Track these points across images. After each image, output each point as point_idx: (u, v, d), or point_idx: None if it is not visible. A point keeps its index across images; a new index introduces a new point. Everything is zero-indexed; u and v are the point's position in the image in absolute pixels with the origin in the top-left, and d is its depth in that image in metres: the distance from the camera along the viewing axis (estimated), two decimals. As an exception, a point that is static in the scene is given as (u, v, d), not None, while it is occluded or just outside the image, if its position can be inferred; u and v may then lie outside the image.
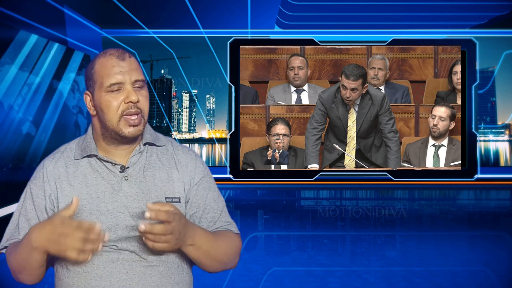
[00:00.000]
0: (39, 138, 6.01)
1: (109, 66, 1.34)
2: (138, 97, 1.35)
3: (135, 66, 1.37)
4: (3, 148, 5.29)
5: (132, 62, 1.37)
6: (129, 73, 1.35)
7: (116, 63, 1.34)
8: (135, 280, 1.34)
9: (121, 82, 1.34)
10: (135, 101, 1.34)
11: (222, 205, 1.49)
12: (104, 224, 1.34)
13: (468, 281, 3.83)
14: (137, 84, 1.36)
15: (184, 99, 19.78)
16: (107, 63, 1.35)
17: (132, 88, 1.35)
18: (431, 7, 8.04)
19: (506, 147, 12.99)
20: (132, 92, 1.34)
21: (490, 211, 7.54)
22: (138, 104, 1.35)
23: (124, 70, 1.34)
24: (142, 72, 1.39)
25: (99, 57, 1.37)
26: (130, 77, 1.35)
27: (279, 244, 5.28)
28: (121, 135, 1.36)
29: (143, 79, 1.38)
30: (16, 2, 5.47)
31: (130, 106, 1.34)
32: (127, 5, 7.56)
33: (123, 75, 1.34)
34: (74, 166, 1.40)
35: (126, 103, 1.34)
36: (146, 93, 1.39)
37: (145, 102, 1.37)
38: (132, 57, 1.38)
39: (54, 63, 6.41)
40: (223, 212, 1.49)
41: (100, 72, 1.35)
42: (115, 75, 1.34)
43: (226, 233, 1.46)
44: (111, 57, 1.35)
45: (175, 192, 1.41)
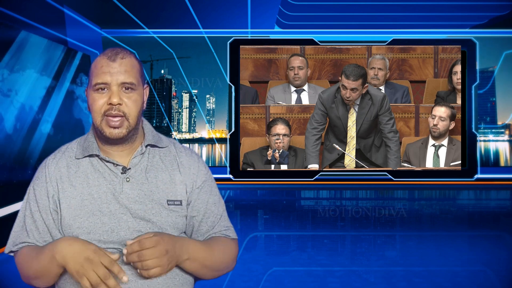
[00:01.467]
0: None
1: (99, 66, 1.34)
2: (123, 100, 1.33)
3: (125, 68, 1.34)
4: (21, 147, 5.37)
5: (124, 63, 1.34)
6: (117, 74, 1.33)
7: (105, 63, 1.34)
8: (140, 282, 1.33)
9: (106, 82, 1.33)
10: (115, 103, 1.32)
11: (222, 209, 1.49)
12: (106, 225, 1.34)
13: (468, 281, 3.83)
14: (125, 86, 1.34)
15: (184, 99, 19.79)
16: (98, 63, 1.35)
17: (117, 90, 1.33)
18: (431, 7, 8.03)
19: (506, 147, 12.99)
20: (115, 94, 1.32)
21: (490, 211, 7.54)
22: (121, 107, 1.33)
23: (112, 71, 1.33)
24: (135, 75, 1.35)
25: (98, 56, 1.38)
26: (117, 78, 1.33)
27: (279, 244, 5.28)
28: (103, 134, 1.36)
29: (132, 81, 1.34)
30: (16, 2, 5.46)
31: (112, 107, 1.33)
32: (127, 5, 7.56)
33: (111, 76, 1.33)
34: (76, 166, 1.40)
35: (108, 104, 1.33)
36: (136, 96, 1.36)
37: (131, 106, 1.34)
38: (126, 58, 1.35)
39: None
40: (223, 216, 1.49)
41: (92, 70, 1.35)
42: (101, 75, 1.33)
43: (222, 239, 1.46)
44: (104, 57, 1.35)
45: (177, 194, 1.41)
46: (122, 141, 1.39)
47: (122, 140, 1.38)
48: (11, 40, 5.30)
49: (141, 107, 1.39)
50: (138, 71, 1.38)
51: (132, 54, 1.39)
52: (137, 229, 1.35)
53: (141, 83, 1.39)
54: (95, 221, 1.34)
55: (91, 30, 8.06)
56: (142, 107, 1.40)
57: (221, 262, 1.43)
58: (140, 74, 1.39)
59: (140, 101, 1.38)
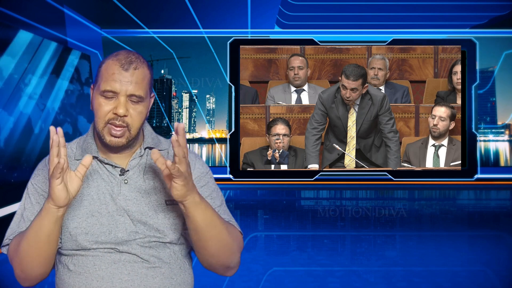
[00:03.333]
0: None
1: (110, 71, 1.31)
2: (129, 111, 1.32)
3: (136, 79, 1.32)
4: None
5: (136, 74, 1.32)
6: (127, 85, 1.30)
7: (117, 71, 1.31)
8: (137, 282, 1.33)
9: (115, 91, 1.31)
10: (121, 115, 1.31)
11: (220, 202, 1.45)
12: (104, 226, 1.34)
13: (468, 281, 3.83)
14: (133, 99, 1.32)
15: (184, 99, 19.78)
16: (110, 68, 1.32)
17: (125, 101, 1.31)
18: (431, 7, 8.04)
19: (506, 147, 12.99)
20: (122, 105, 1.31)
21: (490, 211, 7.54)
22: (126, 118, 1.32)
23: (123, 81, 1.30)
24: (144, 87, 1.33)
25: (110, 57, 1.34)
26: (127, 89, 1.31)
27: (279, 244, 5.28)
28: (103, 140, 1.35)
29: (141, 95, 1.32)
30: (16, 2, 5.46)
31: (116, 117, 1.31)
32: (127, 5, 7.56)
33: (121, 85, 1.30)
34: (74, 167, 1.40)
35: (113, 114, 1.32)
36: (142, 108, 1.34)
37: (136, 118, 1.33)
38: (139, 68, 1.32)
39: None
40: (221, 208, 1.45)
41: (103, 73, 1.33)
42: (111, 82, 1.30)
43: (231, 226, 1.42)
44: (117, 63, 1.31)
45: None
46: (121, 148, 1.38)
47: (120, 148, 1.38)
48: (9, 40, 5.30)
49: (145, 118, 1.38)
50: (148, 82, 1.35)
51: (145, 62, 1.36)
52: (134, 231, 1.35)
53: (148, 94, 1.37)
54: (93, 222, 1.34)
55: (91, 30, 8.06)
56: (145, 118, 1.39)
57: (228, 234, 1.36)
58: (150, 85, 1.37)
59: (145, 113, 1.36)
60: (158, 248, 1.37)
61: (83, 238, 1.33)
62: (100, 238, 1.34)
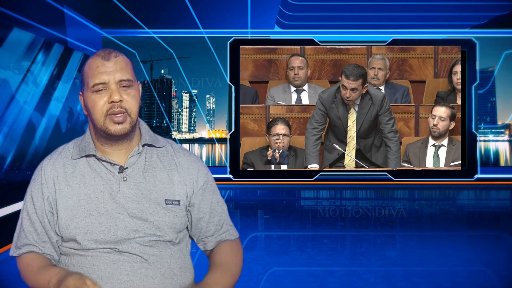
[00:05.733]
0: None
1: (94, 66, 1.35)
2: (123, 96, 1.34)
3: (120, 65, 1.35)
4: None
5: (118, 61, 1.36)
6: (114, 73, 1.34)
7: (100, 63, 1.34)
8: (137, 282, 1.33)
9: (104, 82, 1.34)
10: (117, 101, 1.33)
11: (225, 207, 1.52)
12: (103, 225, 1.34)
13: (468, 281, 3.83)
14: (123, 84, 1.35)
15: (184, 99, 19.77)
16: (93, 64, 1.35)
17: (116, 88, 1.34)
18: (431, 7, 8.03)
19: (506, 147, 12.99)
20: (115, 91, 1.33)
21: (490, 211, 7.54)
22: (122, 104, 1.34)
23: (109, 70, 1.34)
24: (130, 71, 1.37)
25: (89, 59, 1.39)
26: (114, 76, 1.34)
27: (279, 244, 5.28)
28: (108, 133, 1.36)
29: (129, 78, 1.36)
30: (15, 1, 5.46)
31: (114, 105, 1.34)
32: (127, 5, 7.56)
33: (108, 75, 1.34)
34: (72, 166, 1.40)
35: (109, 103, 1.34)
36: (134, 92, 1.37)
37: (131, 101, 1.36)
38: (119, 56, 1.37)
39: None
40: (227, 214, 1.53)
41: (87, 73, 1.36)
42: (99, 75, 1.34)
43: (231, 247, 1.48)
44: (97, 58, 1.36)
45: (175, 194, 1.41)
46: (124, 137, 1.39)
47: (124, 136, 1.38)
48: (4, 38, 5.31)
49: (139, 103, 1.40)
50: (131, 67, 1.40)
51: (122, 52, 1.41)
52: (134, 229, 1.35)
53: (135, 79, 1.41)
54: (92, 221, 1.34)
55: (91, 30, 8.06)
56: (140, 104, 1.41)
57: (238, 272, 1.46)
58: (134, 71, 1.41)
59: (138, 97, 1.39)
60: (158, 247, 1.37)
61: (82, 237, 1.33)
62: (100, 237, 1.33)
